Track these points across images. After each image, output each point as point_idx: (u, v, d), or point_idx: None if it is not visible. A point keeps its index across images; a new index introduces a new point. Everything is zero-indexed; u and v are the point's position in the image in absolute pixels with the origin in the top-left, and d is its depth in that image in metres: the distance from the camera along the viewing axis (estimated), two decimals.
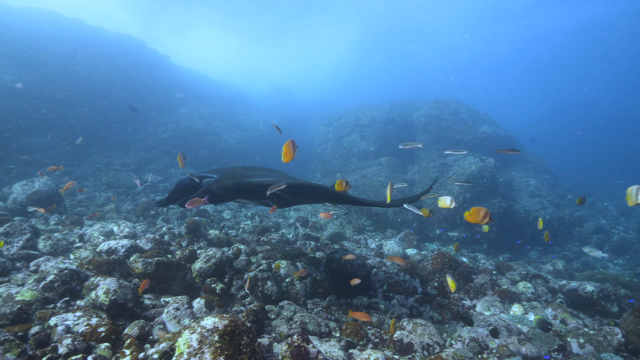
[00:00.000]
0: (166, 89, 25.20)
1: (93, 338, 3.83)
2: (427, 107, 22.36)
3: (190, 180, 6.07)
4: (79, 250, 5.99)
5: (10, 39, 19.24)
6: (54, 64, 19.31)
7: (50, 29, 22.72)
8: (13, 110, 15.21)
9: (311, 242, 9.66)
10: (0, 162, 13.14)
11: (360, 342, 4.87)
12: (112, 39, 26.34)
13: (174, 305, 4.57)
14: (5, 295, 4.40)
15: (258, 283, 6.08)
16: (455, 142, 19.22)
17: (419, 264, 8.46)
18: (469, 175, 14.29)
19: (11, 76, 16.39)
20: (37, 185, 9.33)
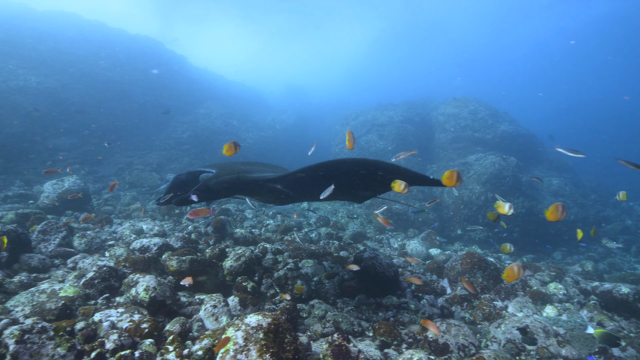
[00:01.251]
0: (184, 89, 25.52)
1: (137, 334, 3.90)
2: (445, 105, 22.15)
3: (187, 175, 5.82)
4: (113, 248, 6.12)
5: (35, 42, 19.74)
6: (77, 66, 19.73)
7: (72, 31, 23.22)
8: (41, 111, 15.58)
9: (334, 242, 9.68)
10: (28, 162, 13.48)
11: (394, 342, 4.87)
12: (132, 41, 26.79)
13: (211, 303, 4.63)
14: (49, 291, 4.52)
15: (288, 282, 6.12)
16: (475, 141, 18.99)
17: (444, 264, 8.42)
18: (490, 175, 14.12)
19: (37, 78, 16.79)
20: (66, 185, 9.56)
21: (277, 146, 24.27)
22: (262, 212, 12.29)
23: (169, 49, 30.83)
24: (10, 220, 7.14)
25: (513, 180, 14.13)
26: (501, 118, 20.68)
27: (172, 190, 5.74)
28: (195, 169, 5.79)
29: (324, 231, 10.75)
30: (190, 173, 5.73)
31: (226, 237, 8.38)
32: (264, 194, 5.57)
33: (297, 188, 5.16)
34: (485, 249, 12.12)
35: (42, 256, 5.48)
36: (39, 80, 16.63)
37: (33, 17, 23.08)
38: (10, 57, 17.31)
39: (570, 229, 13.57)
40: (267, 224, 10.73)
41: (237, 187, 5.23)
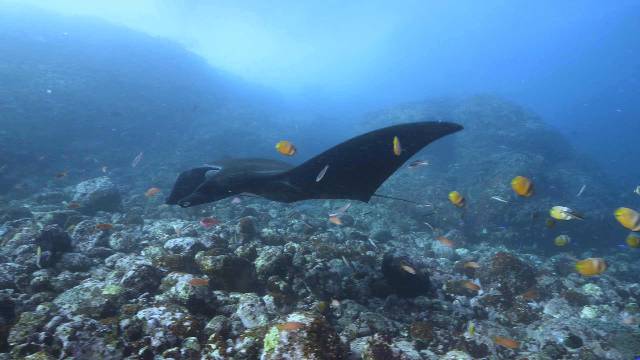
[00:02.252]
0: (204, 90, 25.86)
1: (180, 332, 3.98)
2: (467, 103, 21.86)
3: (193, 171, 5.64)
4: (149, 248, 6.25)
5: (62, 46, 20.31)
6: (102, 69, 20.21)
7: (97, 35, 23.79)
8: (68, 113, 16.03)
9: (360, 241, 9.66)
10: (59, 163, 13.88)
11: (429, 342, 4.83)
12: (153, 44, 27.30)
13: (248, 302, 4.68)
14: (92, 289, 4.65)
15: (319, 281, 6.13)
16: (499, 139, 18.66)
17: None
18: (516, 173, 13.86)
19: (65, 81, 17.28)
20: (98, 185, 9.81)
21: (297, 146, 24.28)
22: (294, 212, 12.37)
23: (189, 51, 31.30)
24: (49, 220, 7.37)
25: (540, 179, 13.85)
26: (525, 115, 20.29)
27: (179, 187, 5.61)
28: (201, 166, 5.64)
29: (349, 231, 10.75)
30: (196, 170, 5.60)
31: (254, 236, 8.47)
32: (271, 191, 5.41)
33: (304, 184, 4.95)
34: (512, 249, 11.91)
35: (82, 255, 5.64)
36: (66, 84, 17.12)
37: (58, 22, 23.75)
38: (40, 62, 17.85)
39: (600, 228, 13.22)
40: (292, 224, 10.78)
41: (244, 184, 5.07)
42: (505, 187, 13.51)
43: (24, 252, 5.04)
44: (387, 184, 16.09)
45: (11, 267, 4.66)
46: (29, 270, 4.85)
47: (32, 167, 12.84)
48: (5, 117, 13.47)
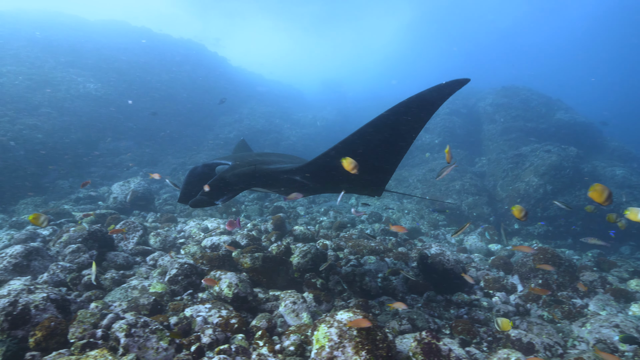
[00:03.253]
0: (227, 90, 26.12)
1: (228, 329, 4.05)
2: (493, 95, 21.37)
3: (203, 167, 5.53)
4: (188, 246, 6.37)
5: (90, 50, 20.88)
6: (129, 72, 20.70)
7: (122, 39, 24.35)
8: (98, 116, 16.50)
9: (391, 238, 9.60)
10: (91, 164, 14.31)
11: (473, 340, 4.76)
12: (176, 45, 27.75)
13: (290, 299, 4.71)
14: (140, 287, 4.78)
15: (356, 278, 6.12)
16: (528, 132, 18.17)
17: (509, 259, 8.14)
18: (549, 166, 13.47)
19: (94, 85, 17.77)
20: (132, 186, 10.07)
21: (319, 143, 24.35)
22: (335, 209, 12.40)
23: (211, 51, 31.70)
24: (91, 221, 7.61)
25: (574, 172, 13.42)
26: (555, 106, 19.69)
27: (189, 183, 5.53)
28: (211, 161, 5.53)
29: (378, 227, 10.70)
30: (207, 165, 5.50)
31: (286, 234, 8.52)
32: (282, 186, 5.27)
33: (316, 178, 4.78)
34: (545, 243, 11.60)
35: (125, 254, 5.80)
36: (96, 87, 17.60)
37: (86, 27, 24.41)
38: (70, 66, 18.41)
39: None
40: (320, 221, 10.80)
41: (254, 179, 4.96)
42: (537, 180, 13.16)
43: (72, 251, 5.23)
44: (414, 180, 15.92)
45: (63, 267, 4.84)
46: (79, 269, 5.02)
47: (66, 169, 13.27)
48: (41, 121, 13.96)
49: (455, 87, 3.56)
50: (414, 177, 16.23)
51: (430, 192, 14.49)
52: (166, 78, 22.56)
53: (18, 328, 3.49)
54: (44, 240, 6.52)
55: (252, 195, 13.28)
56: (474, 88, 26.38)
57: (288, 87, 39.03)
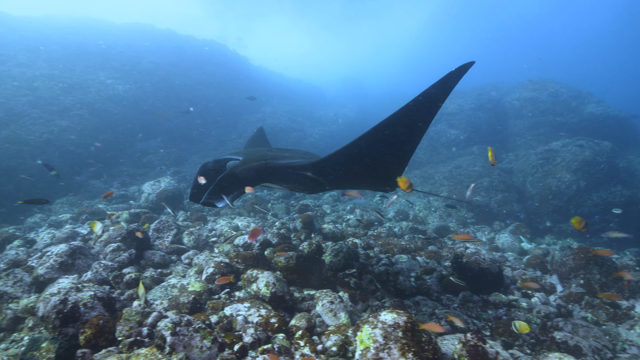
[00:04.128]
0: (248, 89, 26.31)
1: (268, 328, 4.05)
2: (520, 89, 20.82)
3: (214, 163, 5.42)
4: (221, 245, 6.42)
5: (118, 53, 21.40)
6: (154, 73, 21.09)
7: (148, 41, 24.85)
8: (127, 117, 16.87)
9: (420, 236, 9.47)
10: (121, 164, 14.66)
11: (515, 342, 4.64)
12: (199, 46, 28.14)
13: (327, 298, 4.69)
14: (179, 286, 4.84)
15: (389, 278, 6.05)
16: (557, 126, 17.63)
17: (546, 258, 7.91)
18: (582, 162, 13.02)
19: (123, 87, 18.18)
20: (163, 185, 10.25)
21: (341, 140, 24.25)
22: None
23: (233, 52, 32.01)
24: (126, 220, 7.79)
25: (608, 167, 12.93)
26: (586, 99, 19.00)
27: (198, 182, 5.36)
28: (222, 157, 5.43)
29: (406, 225, 10.57)
30: (217, 161, 5.41)
31: (314, 232, 8.51)
32: (293, 182, 5.17)
33: (329, 175, 4.71)
34: (580, 242, 11.22)
35: (161, 253, 5.90)
36: (124, 89, 18.00)
37: (113, 30, 25.02)
38: (100, 69, 18.90)
39: None
40: (347, 219, 10.75)
41: (265, 175, 4.87)
42: (570, 176, 12.75)
43: (113, 250, 5.35)
44: (440, 177, 15.67)
45: (105, 265, 4.95)
46: (119, 267, 5.14)
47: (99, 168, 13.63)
48: (74, 123, 14.38)
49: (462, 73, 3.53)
50: (440, 174, 15.97)
51: (457, 189, 14.22)
52: (190, 78, 22.89)
53: (68, 325, 3.58)
54: (83, 238, 6.71)
55: (278, 194, 13.34)
56: (498, 82, 25.84)
57: (309, 85, 39.08)
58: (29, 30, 20.37)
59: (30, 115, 13.63)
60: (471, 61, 3.56)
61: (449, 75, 3.51)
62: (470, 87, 24.90)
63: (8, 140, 12.00)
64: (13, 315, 3.90)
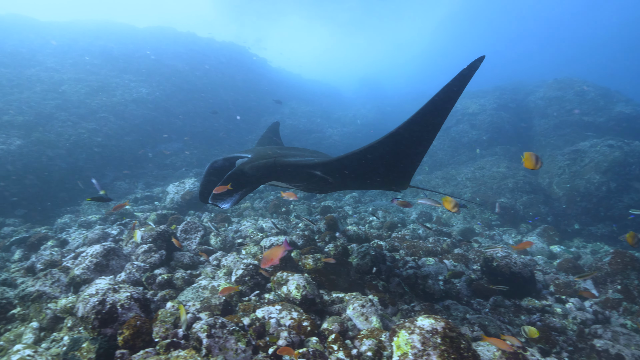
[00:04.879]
0: (268, 90, 26.52)
1: (301, 332, 4.03)
2: (544, 88, 20.33)
3: (223, 161, 5.35)
4: (248, 246, 6.44)
5: (141, 56, 21.80)
6: (176, 76, 21.42)
7: (170, 44, 25.26)
8: (150, 119, 17.17)
9: (445, 239, 9.32)
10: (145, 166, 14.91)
11: (552, 349, 4.50)
12: (220, 48, 28.45)
13: (358, 302, 4.65)
14: (210, 287, 4.87)
15: (418, 281, 5.97)
16: (584, 126, 17.13)
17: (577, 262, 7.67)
18: (611, 162, 12.63)
19: (146, 89, 18.51)
20: (187, 186, 10.37)
21: (360, 141, 24.18)
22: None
23: (252, 53, 32.26)
24: (154, 221, 7.91)
25: None
26: (614, 98, 18.41)
27: (208, 177, 5.37)
28: (232, 155, 5.34)
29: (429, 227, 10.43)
30: (227, 159, 5.33)
31: (339, 233, 8.46)
32: (302, 180, 5.08)
33: (339, 175, 4.62)
34: (612, 245, 10.87)
35: (190, 254, 5.95)
36: (148, 92, 18.33)
37: (136, 34, 25.51)
38: (124, 72, 19.30)
39: None
40: (370, 221, 10.67)
41: (273, 173, 4.77)
42: (599, 177, 12.37)
43: (144, 251, 5.42)
44: (463, 178, 15.44)
45: (138, 266, 5.02)
46: (151, 269, 5.20)
47: (123, 170, 13.90)
48: (100, 125, 14.71)
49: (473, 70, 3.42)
50: (462, 175, 15.73)
51: (480, 190, 13.97)
52: (211, 80, 23.17)
53: (107, 326, 3.63)
54: (114, 239, 6.83)
55: (299, 195, 13.34)
56: (521, 82, 25.33)
57: (326, 86, 39.10)
58: (56, 36, 20.94)
59: (58, 118, 14.00)
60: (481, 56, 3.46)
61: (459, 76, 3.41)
62: (491, 86, 24.51)
63: (38, 143, 12.34)
64: (52, 315, 3.99)
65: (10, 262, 6.49)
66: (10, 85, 15.21)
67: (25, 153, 11.71)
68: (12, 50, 18.17)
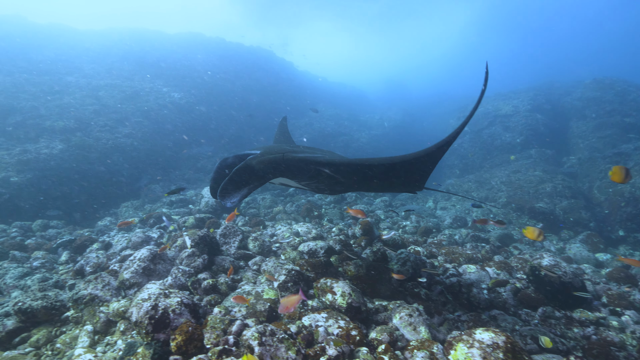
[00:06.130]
0: (295, 94, 26.66)
1: (350, 341, 3.95)
2: (582, 89, 19.59)
3: (234, 158, 5.22)
4: (287, 252, 6.42)
5: (171, 62, 22.33)
6: (206, 80, 21.81)
7: (199, 49, 25.76)
8: (182, 124, 17.51)
9: (483, 245, 9.05)
10: (177, 169, 15.21)
11: None
12: (247, 53, 28.81)
13: (405, 311, 4.53)
14: (254, 293, 4.86)
15: (462, 290, 5.80)
16: (626, 127, 16.37)
17: (630, 271, 7.29)
18: None
19: (178, 94, 18.91)
20: None
21: (388, 144, 23.96)
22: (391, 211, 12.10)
23: (279, 57, 32.54)
24: (192, 225, 8.01)
25: None
26: None
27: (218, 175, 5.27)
28: (243, 152, 5.27)
29: (465, 232, 10.17)
30: (237, 156, 5.22)
31: (374, 239, 8.34)
32: (310, 178, 4.94)
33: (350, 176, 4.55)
34: None
35: (230, 258, 5.97)
36: (180, 96, 18.73)
37: (168, 40, 26.15)
38: (157, 77, 19.80)
39: None
40: (403, 225, 10.50)
41: (281, 168, 4.64)
42: None
43: (188, 255, 5.48)
44: (497, 182, 15.01)
45: (183, 270, 5.07)
46: (195, 273, 5.24)
47: (157, 173, 14.22)
48: (135, 130, 15.10)
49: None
50: (497, 178, 15.29)
51: (517, 195, 13.53)
52: (239, 85, 23.47)
53: (160, 331, 3.66)
54: (156, 243, 6.95)
55: (329, 199, 13.28)
56: (554, 82, 24.56)
57: (352, 88, 39.02)
58: (93, 43, 21.72)
59: (96, 123, 14.46)
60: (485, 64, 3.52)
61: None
62: (524, 87, 23.85)
63: (78, 147, 12.77)
64: (106, 319, 4.06)
65: (57, 264, 6.70)
66: (52, 91, 15.83)
67: (67, 157, 12.14)
68: (53, 58, 18.95)
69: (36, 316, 4.20)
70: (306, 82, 32.05)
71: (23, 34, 20.60)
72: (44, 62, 18.23)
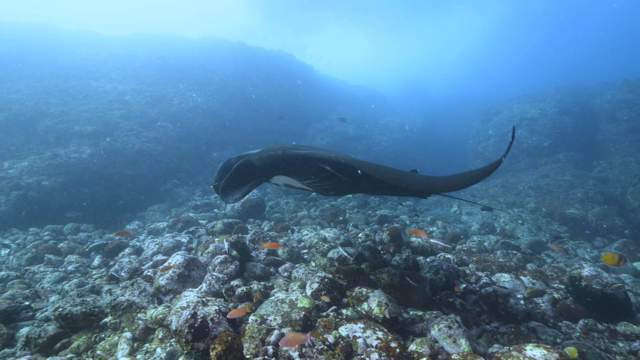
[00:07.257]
0: (315, 97, 26.70)
1: (390, 353, 3.85)
2: (612, 91, 18.96)
3: (238, 159, 5.21)
4: (317, 259, 6.35)
5: (195, 67, 22.65)
6: (229, 85, 22.04)
7: (221, 54, 26.08)
8: (205, 127, 17.71)
9: (514, 252, 8.80)
10: (201, 173, 15.36)
11: None
12: (268, 57, 29.03)
13: (444, 322, 4.41)
14: (288, 301, 4.81)
15: (499, 300, 5.62)
16: None
17: None
18: None
19: (202, 98, 19.15)
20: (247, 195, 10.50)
21: (409, 147, 23.74)
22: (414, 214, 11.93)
23: (299, 61, 32.67)
24: (221, 230, 8.04)
25: None
26: None
27: (222, 174, 5.26)
28: (246, 153, 5.18)
29: (494, 239, 9.93)
30: (241, 157, 5.16)
31: (402, 245, 8.21)
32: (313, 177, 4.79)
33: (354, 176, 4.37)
34: None
35: (262, 265, 5.95)
36: (203, 100, 18.96)
37: (190, 45, 26.57)
38: (180, 82, 20.10)
39: None
40: (430, 232, 10.32)
41: (281, 165, 4.54)
42: None
43: (221, 262, 5.47)
44: (525, 186, 14.64)
45: (216, 277, 5.06)
46: (228, 280, 5.23)
47: (182, 177, 14.39)
48: (160, 134, 15.34)
49: None
50: (524, 183, 14.92)
51: (546, 200, 13.16)
52: (261, 89, 23.64)
53: (199, 340, 3.64)
54: (186, 248, 6.99)
55: (352, 203, 13.18)
56: (582, 84, 23.93)
57: (372, 91, 38.88)
58: (119, 49, 22.22)
59: (123, 127, 14.75)
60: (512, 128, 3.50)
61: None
62: (550, 88, 23.27)
63: (106, 151, 13.03)
64: (144, 326, 4.07)
65: (90, 268, 6.81)
66: (80, 96, 16.23)
67: (95, 161, 12.39)
68: (80, 63, 19.46)
69: (76, 322, 4.25)
70: (326, 84, 32.08)
71: (52, 41, 21.25)
72: (71, 68, 18.75)
